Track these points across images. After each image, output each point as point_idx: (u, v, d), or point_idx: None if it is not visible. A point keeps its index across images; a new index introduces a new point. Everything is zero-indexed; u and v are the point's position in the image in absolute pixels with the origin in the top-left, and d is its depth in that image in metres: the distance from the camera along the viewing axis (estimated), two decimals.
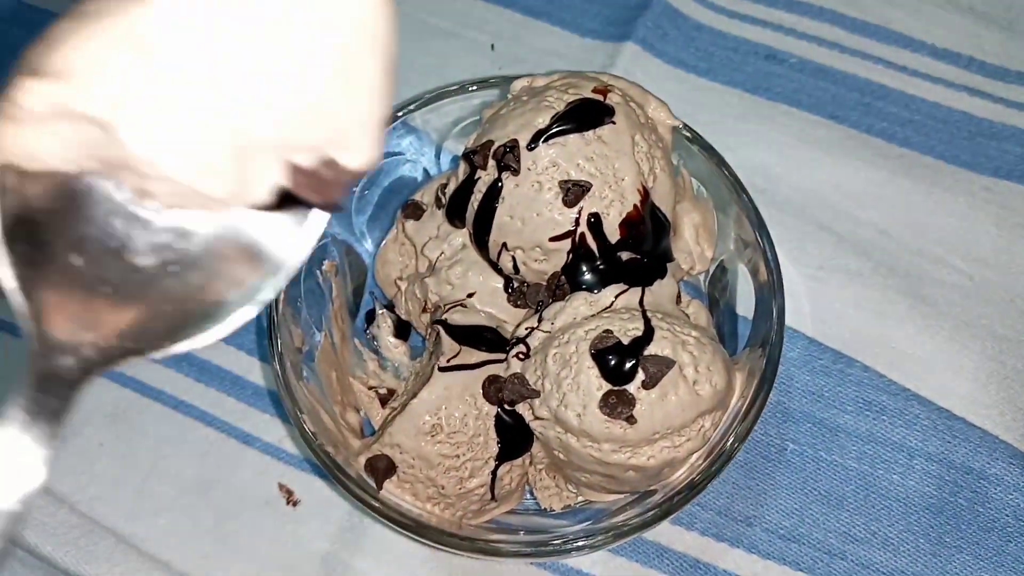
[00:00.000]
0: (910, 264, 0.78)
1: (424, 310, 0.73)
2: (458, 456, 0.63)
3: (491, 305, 0.69)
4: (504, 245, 0.66)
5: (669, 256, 0.69)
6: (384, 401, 0.74)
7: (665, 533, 0.71)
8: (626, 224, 0.64)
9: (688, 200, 0.71)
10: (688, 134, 0.70)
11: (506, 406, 0.63)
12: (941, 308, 0.76)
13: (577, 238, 0.64)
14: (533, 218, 0.64)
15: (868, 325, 0.75)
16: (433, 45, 0.94)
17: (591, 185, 0.62)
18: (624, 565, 0.70)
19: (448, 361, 0.64)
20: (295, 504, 0.74)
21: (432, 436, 0.63)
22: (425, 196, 0.75)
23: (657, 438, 0.60)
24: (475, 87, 0.75)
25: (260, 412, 0.78)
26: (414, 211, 0.74)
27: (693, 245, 0.71)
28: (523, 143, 0.63)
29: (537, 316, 0.65)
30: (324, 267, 0.72)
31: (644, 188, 0.65)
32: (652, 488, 0.64)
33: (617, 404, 0.59)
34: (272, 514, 0.74)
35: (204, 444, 0.77)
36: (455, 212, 0.69)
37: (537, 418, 0.63)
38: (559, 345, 0.62)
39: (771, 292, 0.64)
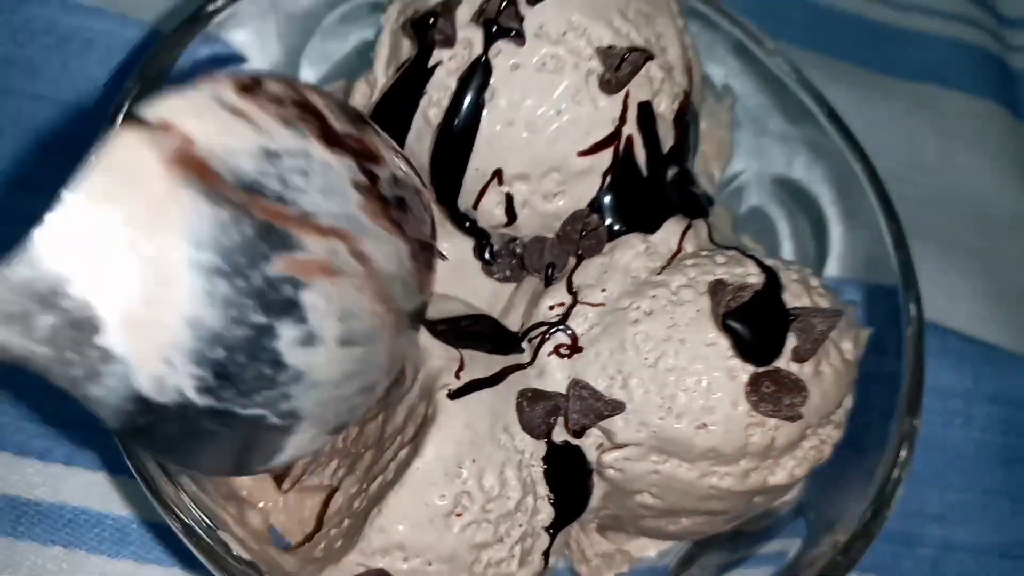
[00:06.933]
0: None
1: None
2: (502, 540, 0.36)
3: (451, 285, 0.43)
4: (496, 175, 0.39)
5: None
6: (280, 479, 0.43)
7: None
8: (679, 120, 0.42)
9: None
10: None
11: (572, 438, 0.37)
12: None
13: (622, 144, 0.40)
14: (550, 120, 0.38)
15: None
16: None
17: (648, 54, 0.39)
18: None
19: (458, 376, 0.36)
20: None
21: (459, 516, 0.35)
22: None
23: (808, 435, 0.39)
24: None
25: None
26: None
27: (704, 162, 0.50)
28: None
29: (564, 285, 0.40)
30: None
31: (689, 64, 0.43)
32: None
33: (777, 392, 0.36)
34: None
35: None
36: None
37: (616, 446, 0.37)
38: (641, 320, 0.37)
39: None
